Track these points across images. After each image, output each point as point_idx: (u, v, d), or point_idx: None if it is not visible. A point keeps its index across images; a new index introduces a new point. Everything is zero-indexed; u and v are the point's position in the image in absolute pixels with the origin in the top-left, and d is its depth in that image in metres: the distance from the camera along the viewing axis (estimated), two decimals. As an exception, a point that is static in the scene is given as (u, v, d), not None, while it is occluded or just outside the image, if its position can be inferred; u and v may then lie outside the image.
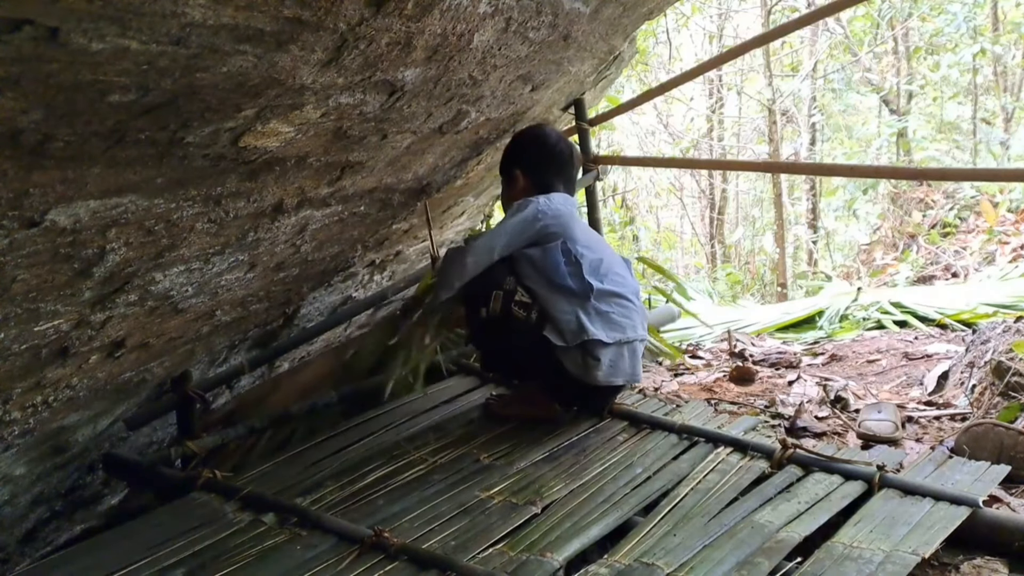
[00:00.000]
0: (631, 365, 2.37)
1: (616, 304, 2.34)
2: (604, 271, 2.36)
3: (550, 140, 2.56)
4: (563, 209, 2.43)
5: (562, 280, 2.31)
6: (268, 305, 2.56)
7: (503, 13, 1.91)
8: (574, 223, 2.44)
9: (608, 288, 2.34)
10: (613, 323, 2.31)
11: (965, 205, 7.10)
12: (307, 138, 1.75)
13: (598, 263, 2.37)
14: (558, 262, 2.33)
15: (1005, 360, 2.53)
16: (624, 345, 2.34)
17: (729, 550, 1.69)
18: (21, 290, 1.44)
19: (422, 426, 2.49)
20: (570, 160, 2.58)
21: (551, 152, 2.53)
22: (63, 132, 1.19)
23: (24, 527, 2.45)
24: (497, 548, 1.74)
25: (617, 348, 2.32)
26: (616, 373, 2.33)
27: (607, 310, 2.32)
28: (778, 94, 9.33)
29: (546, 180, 2.50)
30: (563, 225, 2.39)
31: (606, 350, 2.28)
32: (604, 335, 2.27)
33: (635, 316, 2.38)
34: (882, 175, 7.66)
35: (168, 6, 1.07)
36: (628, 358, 2.36)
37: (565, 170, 2.55)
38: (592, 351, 2.27)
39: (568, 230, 2.39)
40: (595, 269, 2.35)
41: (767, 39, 7.21)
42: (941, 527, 1.74)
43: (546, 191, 2.47)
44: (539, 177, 2.51)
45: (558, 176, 2.52)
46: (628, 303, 2.37)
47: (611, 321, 2.31)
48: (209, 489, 2.09)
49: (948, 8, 8.30)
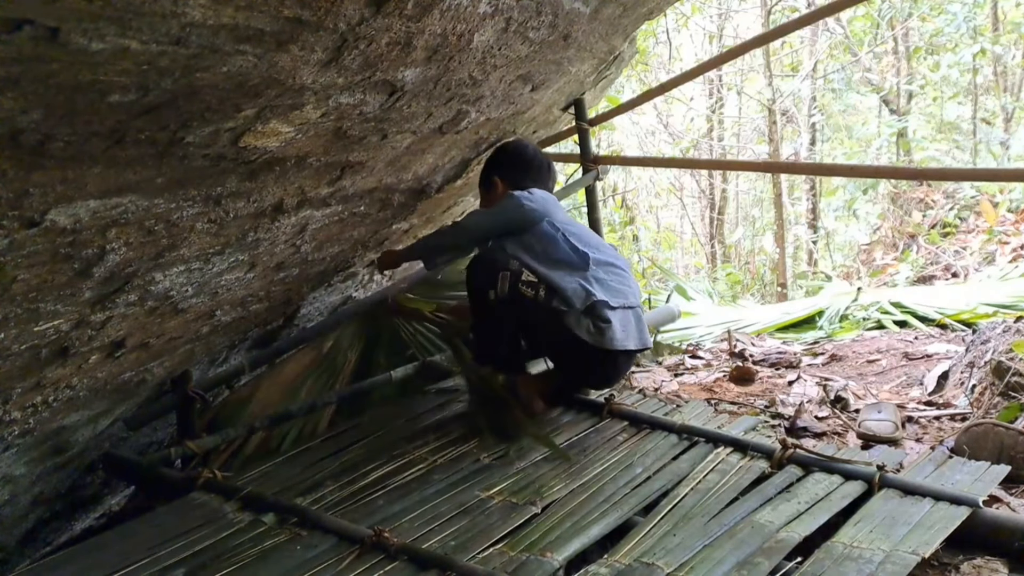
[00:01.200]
0: (639, 330, 2.44)
1: (612, 272, 2.44)
2: (594, 244, 2.50)
3: (528, 151, 2.74)
4: (544, 196, 2.58)
5: (560, 254, 2.43)
6: (268, 305, 2.56)
7: (503, 13, 1.91)
8: (555, 208, 2.56)
9: (602, 257, 2.45)
10: (613, 289, 2.40)
11: (965, 205, 7.10)
12: (307, 138, 1.75)
13: (587, 237, 2.52)
14: (553, 237, 2.45)
15: (1005, 360, 2.53)
16: (629, 310, 2.42)
17: (729, 550, 1.69)
18: (21, 290, 1.44)
19: (422, 426, 2.49)
20: (547, 171, 2.73)
21: (528, 160, 2.70)
22: (63, 132, 1.19)
23: (24, 527, 2.45)
24: (497, 548, 1.74)
25: (623, 312, 2.40)
26: (628, 337, 2.39)
27: (605, 277, 2.41)
28: (778, 94, 9.32)
29: (523, 185, 2.63)
30: (545, 209, 2.52)
31: (614, 313, 2.36)
32: (611, 300, 2.36)
33: (632, 284, 2.49)
34: (882, 175, 7.66)
35: (168, 6, 1.07)
36: (635, 323, 2.43)
37: (542, 178, 2.70)
38: (601, 314, 2.34)
39: (551, 213, 2.52)
40: (586, 242, 2.47)
41: (767, 39, 7.21)
42: (941, 527, 1.74)
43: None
44: (516, 182, 2.64)
45: (535, 183, 2.66)
46: (623, 272, 2.48)
47: (611, 287, 2.40)
48: (209, 489, 2.09)
49: (948, 8, 8.29)
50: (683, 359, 3.59)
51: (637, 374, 3.25)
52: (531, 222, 2.48)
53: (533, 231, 2.48)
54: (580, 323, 2.33)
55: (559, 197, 3.87)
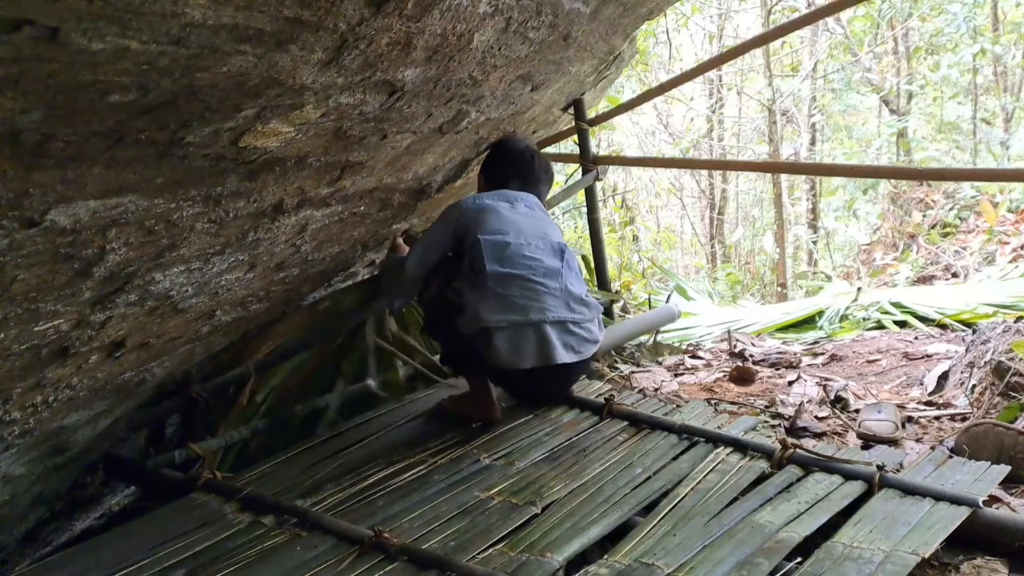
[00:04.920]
0: (539, 348, 2.35)
1: (518, 287, 2.36)
2: (510, 255, 2.40)
3: (508, 145, 2.76)
4: (487, 203, 2.52)
5: (467, 270, 2.41)
6: (268, 305, 2.56)
7: (503, 13, 1.91)
8: (493, 214, 2.48)
9: (508, 271, 2.37)
10: (512, 305, 2.33)
11: (965, 205, 7.09)
12: (307, 138, 1.75)
13: (502, 248, 2.40)
14: (474, 249, 2.41)
15: (1005, 360, 2.53)
16: (527, 327, 2.34)
17: (729, 550, 1.69)
18: (21, 290, 1.44)
19: (422, 427, 2.49)
20: (529, 162, 2.72)
21: (507, 155, 2.72)
22: (63, 132, 1.19)
23: (24, 527, 2.45)
24: (497, 548, 1.74)
25: (515, 331, 2.33)
26: (521, 357, 2.34)
27: (507, 293, 2.35)
28: (778, 94, 9.33)
29: (500, 180, 2.66)
30: (476, 219, 2.46)
31: (500, 333, 2.31)
32: (497, 318, 2.31)
33: (544, 299, 2.37)
34: (882, 175, 7.65)
35: (168, 6, 1.07)
36: (534, 340, 2.34)
37: (522, 170, 2.69)
38: (489, 336, 2.32)
39: (481, 222, 2.45)
40: (497, 255, 2.39)
41: (767, 39, 7.20)
42: (941, 527, 1.74)
43: (501, 188, 2.63)
44: (494, 177, 2.69)
45: (514, 176, 2.67)
46: (536, 285, 2.38)
47: (510, 304, 2.33)
48: (209, 490, 2.09)
49: (948, 8, 8.28)
50: (683, 359, 3.59)
51: (637, 374, 3.25)
52: (462, 234, 2.45)
53: (465, 240, 2.44)
54: (476, 342, 2.35)
55: (561, 198, 3.89)
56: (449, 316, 2.42)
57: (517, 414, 2.49)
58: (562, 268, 2.45)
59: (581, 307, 2.44)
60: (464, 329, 2.36)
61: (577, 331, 2.41)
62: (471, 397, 2.54)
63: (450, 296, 2.42)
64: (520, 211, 2.53)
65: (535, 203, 2.63)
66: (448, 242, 2.50)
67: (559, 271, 2.43)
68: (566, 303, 2.41)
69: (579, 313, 2.43)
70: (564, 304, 2.40)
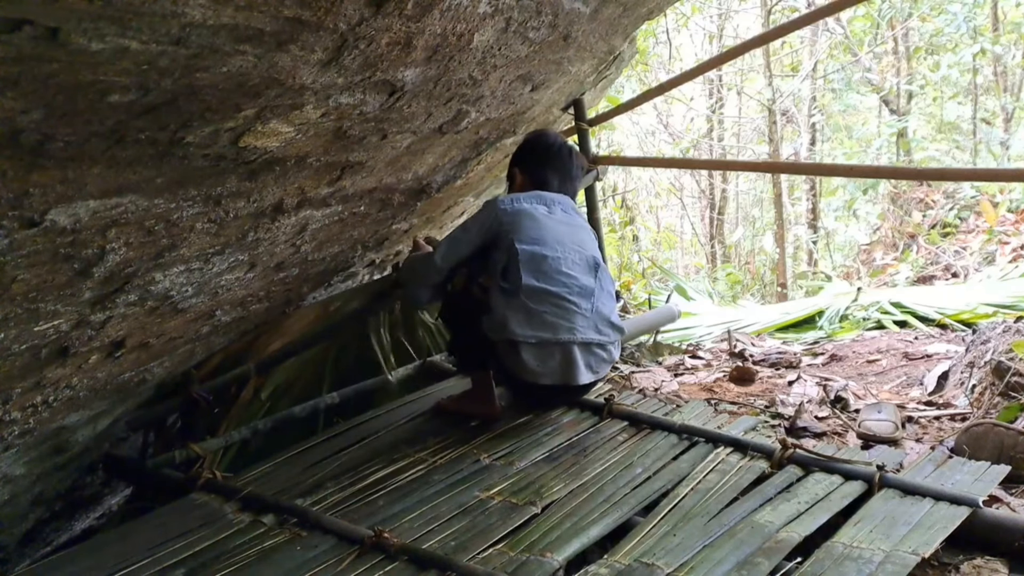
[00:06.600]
0: (563, 367, 2.34)
1: (552, 304, 2.33)
2: (547, 269, 2.36)
3: (547, 140, 2.68)
4: (524, 207, 2.46)
5: (499, 275, 2.38)
6: (268, 305, 2.56)
7: (503, 13, 1.91)
8: (531, 220, 2.43)
9: (544, 287, 2.33)
10: (542, 323, 2.31)
11: (965, 205, 7.10)
12: (307, 138, 1.75)
13: (540, 261, 2.36)
14: (496, 261, 2.39)
15: (1005, 360, 2.53)
16: (554, 346, 2.33)
17: (729, 550, 1.69)
18: (21, 290, 1.44)
19: (422, 427, 2.49)
20: (568, 158, 2.65)
21: (546, 151, 2.64)
22: (63, 132, 1.19)
23: (24, 527, 2.45)
24: (497, 548, 1.74)
25: (542, 348, 2.32)
26: (544, 374, 2.34)
27: (539, 309, 2.32)
28: (778, 94, 9.33)
29: (541, 177, 2.60)
30: (513, 223, 2.41)
31: (528, 348, 2.31)
32: (526, 333, 2.30)
33: (575, 319, 2.35)
34: (882, 175, 7.66)
35: (168, 6, 1.07)
36: (559, 359, 2.34)
37: (561, 168, 2.63)
38: (517, 347, 2.31)
39: (519, 228, 2.40)
40: (534, 268, 2.35)
41: (767, 39, 7.20)
42: (941, 527, 1.74)
43: (541, 186, 2.57)
44: (533, 174, 2.61)
45: (554, 173, 2.61)
46: (568, 304, 2.35)
47: (540, 320, 2.31)
48: (209, 490, 2.09)
49: (948, 8, 8.28)
50: (683, 359, 3.59)
51: (637, 374, 3.25)
52: (498, 238, 2.41)
53: (497, 244, 2.41)
54: (499, 347, 2.35)
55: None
56: (472, 312, 2.41)
57: (517, 414, 2.49)
58: (595, 287, 2.43)
59: (608, 330, 2.43)
60: (489, 332, 2.36)
61: (600, 353, 2.42)
62: (472, 394, 2.53)
63: (476, 292, 2.42)
64: (557, 217, 2.49)
65: (571, 206, 2.60)
66: (478, 241, 2.47)
67: (592, 290, 2.42)
68: (595, 325, 2.40)
69: (606, 336, 2.42)
70: (593, 326, 2.39)
